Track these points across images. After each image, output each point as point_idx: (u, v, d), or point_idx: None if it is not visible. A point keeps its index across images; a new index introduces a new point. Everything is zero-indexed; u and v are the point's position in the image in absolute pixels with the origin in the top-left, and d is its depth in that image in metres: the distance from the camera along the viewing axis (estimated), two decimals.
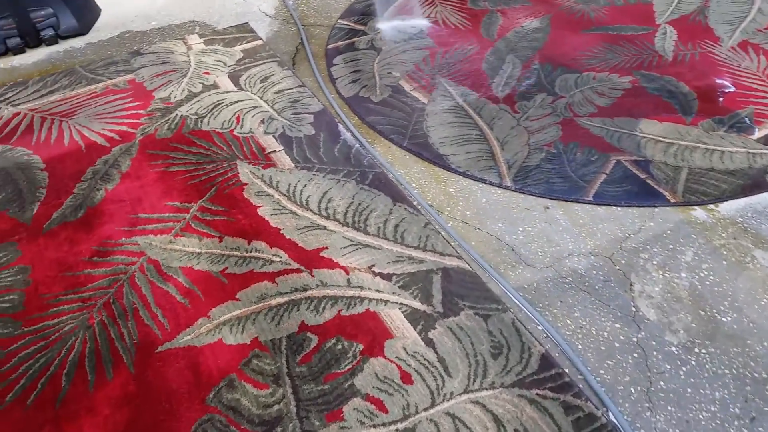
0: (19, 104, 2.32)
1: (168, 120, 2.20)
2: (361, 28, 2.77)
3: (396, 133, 2.11)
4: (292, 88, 2.36)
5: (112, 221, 1.81)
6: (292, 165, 1.99)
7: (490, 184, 1.89)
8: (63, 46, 2.71)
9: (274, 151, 2.05)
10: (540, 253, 1.66)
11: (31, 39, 2.66)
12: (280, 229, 1.76)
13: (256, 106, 2.26)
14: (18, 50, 2.63)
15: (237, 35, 2.72)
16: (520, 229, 1.73)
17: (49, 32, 2.68)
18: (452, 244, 1.69)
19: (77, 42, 2.73)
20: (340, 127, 2.15)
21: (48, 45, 2.69)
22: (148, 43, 2.68)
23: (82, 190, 1.92)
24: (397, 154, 2.02)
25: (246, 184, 1.92)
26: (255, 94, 2.33)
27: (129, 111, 2.26)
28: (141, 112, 2.25)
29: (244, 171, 1.97)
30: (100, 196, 1.90)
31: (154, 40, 2.71)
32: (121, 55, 2.59)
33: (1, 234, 1.78)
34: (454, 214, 1.79)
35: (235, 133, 2.14)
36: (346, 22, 2.81)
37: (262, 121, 2.19)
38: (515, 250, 1.67)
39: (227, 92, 2.34)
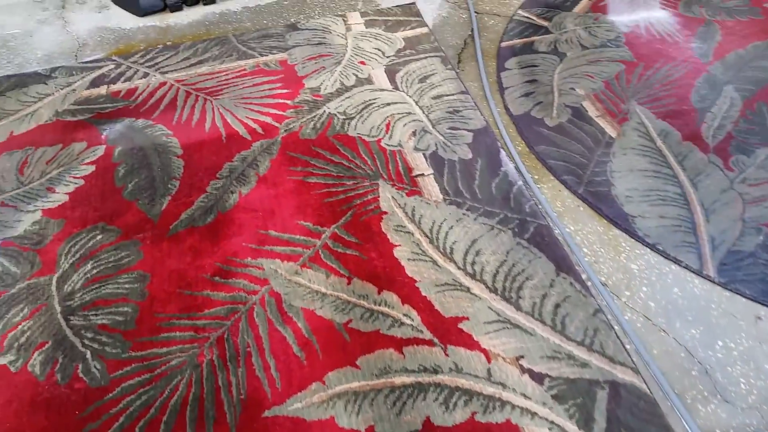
0: (167, 72, 2.24)
1: (315, 117, 2.00)
2: (545, 23, 2.37)
3: (570, 173, 1.76)
4: (452, 94, 2.06)
5: (241, 234, 1.67)
6: (440, 196, 1.72)
7: (687, 268, 1.50)
8: (220, 6, 2.58)
9: (422, 175, 1.79)
10: (743, 386, 1.28)
11: None
12: (416, 281, 1.51)
13: (409, 113, 2.00)
14: (176, 7, 2.55)
15: (401, 18, 2.44)
16: (720, 342, 1.36)
17: None
18: (627, 348, 1.36)
19: (234, 4, 2.59)
20: (503, 154, 1.83)
21: (205, 4, 2.58)
22: (306, 17, 2.48)
23: (216, 189, 1.79)
24: (568, 202, 1.68)
25: (386, 212, 1.68)
26: (411, 96, 2.06)
27: (276, 99, 2.09)
28: (288, 102, 2.07)
29: (386, 195, 1.73)
30: (233, 200, 1.75)
31: (313, 11, 2.51)
32: (277, 27, 2.42)
33: (127, 228, 1.70)
34: (634, 303, 1.44)
35: (382, 143, 1.90)
36: (527, 14, 2.42)
37: (414, 133, 1.93)
38: (710, 373, 1.30)
39: (381, 90, 2.09)
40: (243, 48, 2.33)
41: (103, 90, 2.18)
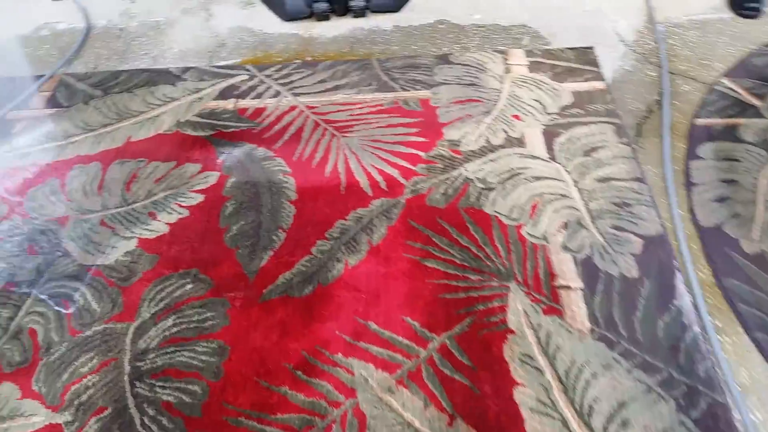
0: (300, 94, 2.03)
1: (448, 180, 1.71)
2: (756, 102, 1.88)
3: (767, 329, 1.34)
4: (624, 180, 1.67)
5: (337, 318, 1.43)
6: (587, 324, 1.37)
7: None
8: (370, 22, 2.34)
9: (568, 287, 1.44)
10: None
11: (339, 6, 2.34)
12: None
13: (563, 195, 1.64)
14: (323, 17, 2.34)
15: (573, 65, 2.05)
16: None
17: (360, 3, 2.32)
18: None
19: (386, 21, 2.33)
20: (679, 280, 1.44)
21: (355, 16, 2.35)
22: (462, 47, 2.16)
23: (322, 253, 1.56)
24: (758, 373, 1.27)
25: (512, 332, 1.37)
26: (569, 172, 1.70)
27: (409, 148, 1.81)
28: (422, 154, 1.79)
29: (517, 306, 1.41)
30: (337, 272, 1.52)
31: (471, 42, 2.19)
32: (426, 57, 2.13)
33: (220, 282, 1.52)
34: None
35: (523, 231, 1.57)
36: (733, 86, 1.94)
37: (565, 225, 1.58)
38: None
39: (533, 158, 1.75)
40: (384, 77, 2.07)
41: (230, 104, 2.02)
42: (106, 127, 1.97)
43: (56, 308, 1.50)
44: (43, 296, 1.53)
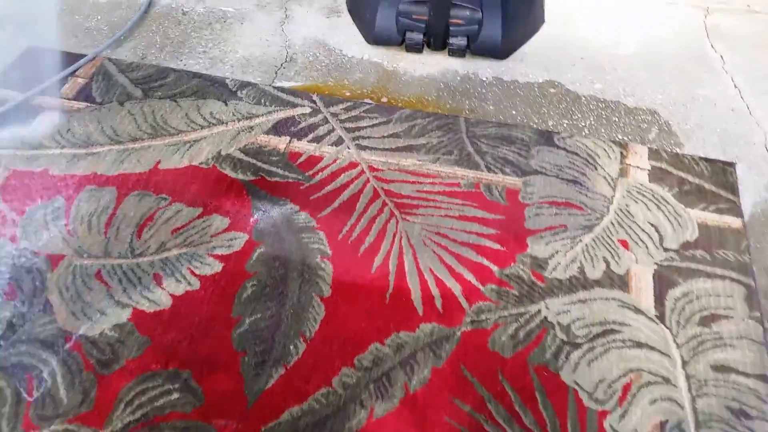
0: (365, 148, 1.67)
1: (521, 317, 1.34)
2: None
3: None
4: (748, 375, 1.27)
5: None
6: None
7: None
8: (467, 65, 1.93)
9: None
10: None
11: (436, 41, 1.94)
12: None
13: (667, 380, 1.25)
14: (414, 47, 1.94)
15: (706, 183, 1.62)
16: None
17: (461, 41, 1.91)
18: None
19: (486, 69, 1.92)
20: None
21: (451, 54, 1.94)
22: (571, 125, 1.75)
23: (345, 388, 1.23)
24: None
25: None
26: (679, 345, 1.30)
27: (481, 256, 1.44)
28: (494, 269, 1.42)
29: None
30: (358, 422, 1.18)
31: (584, 118, 1.77)
32: (525, 129, 1.72)
33: (211, 398, 1.20)
34: None
35: (606, 424, 1.19)
36: None
37: (662, 427, 1.19)
38: None
39: (636, 311, 1.35)
40: (470, 147, 1.68)
41: (282, 144, 1.68)
42: (135, 142, 1.66)
43: (18, 387, 1.23)
44: (9, 363, 1.26)
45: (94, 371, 1.24)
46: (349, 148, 1.67)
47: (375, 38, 1.96)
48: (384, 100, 1.81)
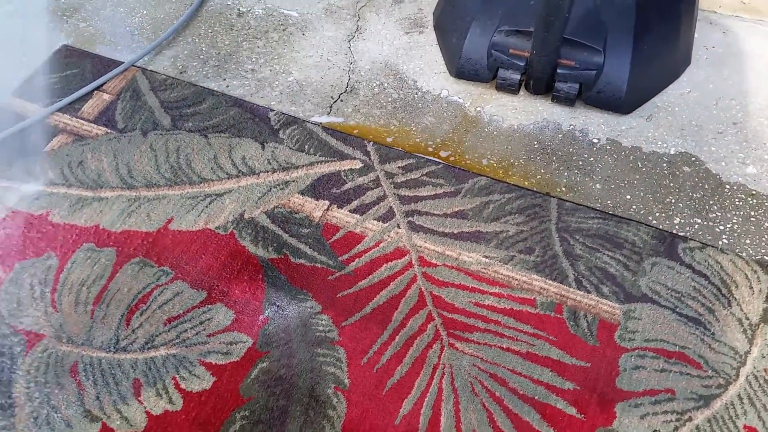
0: (419, 230, 1.32)
1: None
2: None
3: None
4: None
5: None
6: None
7: None
8: (575, 117, 1.50)
9: None
10: None
11: (537, 83, 1.51)
12: None
13: None
14: (507, 87, 1.53)
15: None
16: None
17: (571, 88, 1.48)
18: None
19: (599, 126, 1.48)
20: None
21: (555, 101, 1.52)
22: (705, 227, 1.30)
23: None
24: None
25: None
26: None
27: (546, 423, 1.08)
28: None
29: None
30: None
31: (724, 219, 1.31)
32: (639, 227, 1.29)
33: None
34: None
35: None
36: None
37: None
38: None
39: None
40: (558, 245, 1.29)
41: (319, 210, 1.37)
42: (150, 190, 1.42)
43: None
44: None
45: None
46: (399, 228, 1.33)
47: (459, 70, 1.57)
48: (449, 157, 1.44)
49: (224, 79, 1.63)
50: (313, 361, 1.17)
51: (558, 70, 1.47)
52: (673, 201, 1.35)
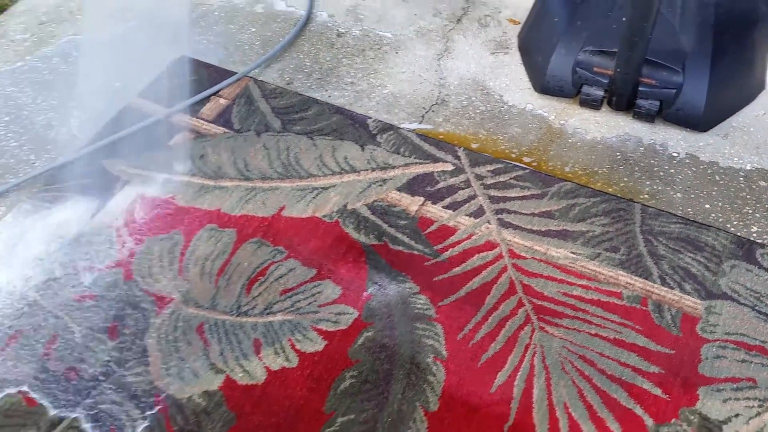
0: (509, 225, 1.46)
1: None
2: None
3: None
4: None
5: None
6: None
7: None
8: (655, 133, 1.63)
9: None
10: None
11: (619, 99, 1.66)
12: None
13: None
14: (590, 103, 1.68)
15: None
16: None
17: (652, 105, 1.61)
18: None
19: (679, 142, 1.61)
20: None
21: (636, 117, 1.65)
22: None
23: None
24: None
25: None
26: None
27: (633, 401, 1.18)
28: (649, 422, 1.15)
29: None
30: None
31: None
32: (721, 231, 1.40)
33: None
34: None
35: None
36: None
37: None
38: None
39: None
40: (642, 245, 1.40)
41: (415, 205, 1.52)
42: (264, 182, 1.59)
43: None
44: (96, 407, 1.25)
45: None
46: (489, 223, 1.47)
47: (544, 87, 1.72)
48: (533, 163, 1.58)
49: (326, 90, 1.82)
50: (413, 334, 1.31)
51: (640, 88, 1.61)
52: (750, 212, 1.46)
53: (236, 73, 1.86)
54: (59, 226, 1.55)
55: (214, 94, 1.81)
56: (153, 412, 1.23)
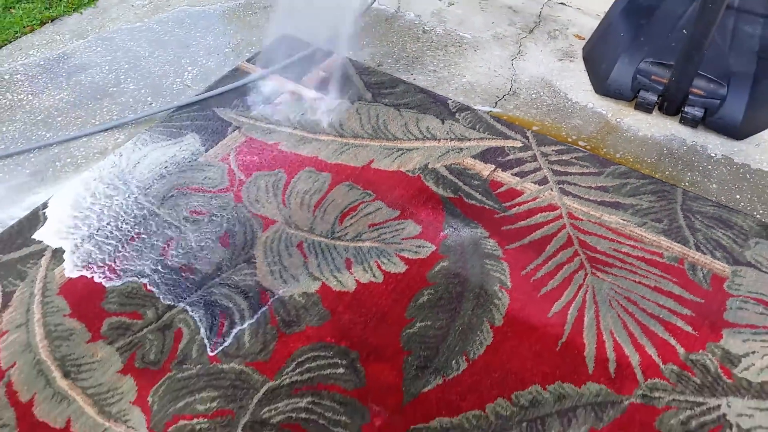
0: (569, 194, 1.74)
1: (697, 406, 1.31)
2: None
3: None
4: None
5: None
6: None
7: None
8: (697, 137, 1.92)
9: None
10: None
11: (670, 106, 1.96)
12: None
13: None
14: (644, 106, 1.98)
15: None
16: None
17: (698, 112, 1.91)
18: None
19: (717, 144, 1.90)
20: None
21: (683, 123, 1.95)
22: None
23: (497, 417, 1.30)
24: None
25: None
26: None
27: (668, 333, 1.44)
28: (681, 350, 1.41)
29: None
30: None
31: None
32: (748, 217, 1.68)
33: (372, 384, 1.35)
34: None
35: None
36: None
37: None
38: None
39: None
40: (682, 220, 1.68)
41: (486, 170, 1.81)
42: (356, 139, 1.90)
43: (212, 321, 1.47)
44: (209, 298, 1.52)
45: (277, 327, 1.46)
46: (551, 190, 1.76)
47: (605, 90, 2.03)
48: (602, 152, 1.87)
49: (412, 74, 2.13)
50: (482, 267, 1.58)
51: (689, 96, 1.91)
52: (760, 200, 1.73)
53: (334, 52, 2.19)
54: (176, 155, 1.86)
55: (315, 66, 2.14)
56: (260, 305, 1.50)
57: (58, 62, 2.17)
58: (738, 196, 1.76)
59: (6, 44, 2.23)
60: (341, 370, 1.38)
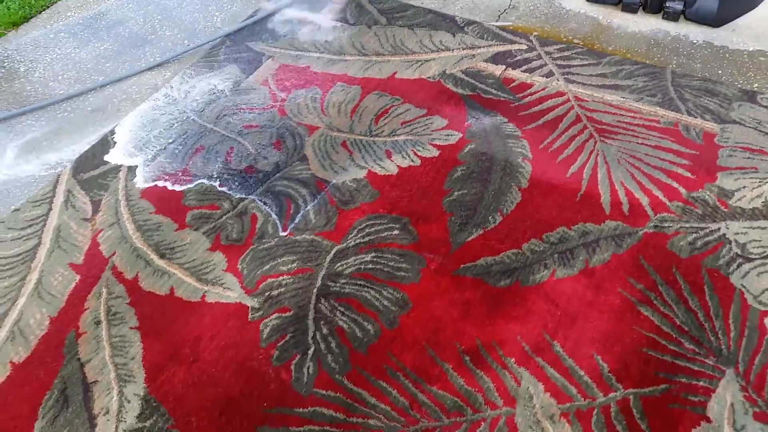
0: (573, 82, 2.00)
1: (700, 231, 1.59)
2: None
3: None
4: None
5: (524, 323, 1.44)
6: None
7: None
8: (679, 28, 2.19)
9: None
10: None
11: (653, 3, 2.22)
12: None
13: None
14: (630, 7, 2.24)
15: None
16: None
17: (678, 5, 2.17)
18: None
19: (697, 34, 2.16)
20: None
21: (665, 18, 2.21)
22: None
23: (533, 252, 1.57)
24: None
25: (709, 420, 1.26)
26: None
27: (671, 179, 1.70)
28: (682, 191, 1.68)
29: (725, 396, 1.29)
30: (542, 277, 1.52)
31: None
32: (729, 87, 1.95)
33: (424, 239, 1.61)
34: None
35: (766, 321, 1.41)
36: None
37: None
38: None
39: None
40: (673, 93, 1.95)
41: (498, 70, 2.06)
42: (378, 56, 2.15)
43: (281, 206, 1.72)
44: (274, 190, 1.77)
45: (336, 206, 1.71)
46: (558, 81, 2.02)
47: None
48: (596, 47, 2.13)
49: None
50: (505, 146, 1.84)
51: None
52: (752, 75, 2.00)
53: None
54: (220, 83, 2.10)
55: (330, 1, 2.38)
56: (318, 191, 1.75)
57: (96, 20, 2.40)
58: (720, 71, 2.02)
59: (45, 9, 2.45)
60: (396, 232, 1.64)
